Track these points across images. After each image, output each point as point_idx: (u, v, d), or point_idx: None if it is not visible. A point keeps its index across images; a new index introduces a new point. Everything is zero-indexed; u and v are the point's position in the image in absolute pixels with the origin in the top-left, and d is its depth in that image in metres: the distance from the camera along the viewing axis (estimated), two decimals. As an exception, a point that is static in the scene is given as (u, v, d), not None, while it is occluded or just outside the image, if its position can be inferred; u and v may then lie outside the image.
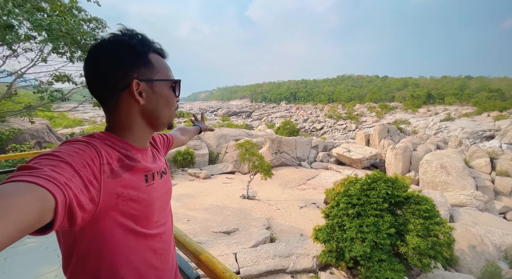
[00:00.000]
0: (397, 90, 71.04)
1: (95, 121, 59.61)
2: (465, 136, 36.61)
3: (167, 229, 0.76)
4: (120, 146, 0.65)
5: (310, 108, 76.76)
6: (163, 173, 0.77)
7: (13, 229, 0.34)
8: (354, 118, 59.21)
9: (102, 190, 0.54)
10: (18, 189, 0.38)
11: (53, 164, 0.46)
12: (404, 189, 8.53)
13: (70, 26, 4.45)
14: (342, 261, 8.33)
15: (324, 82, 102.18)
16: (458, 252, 10.43)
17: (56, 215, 0.41)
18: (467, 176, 18.43)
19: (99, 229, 0.56)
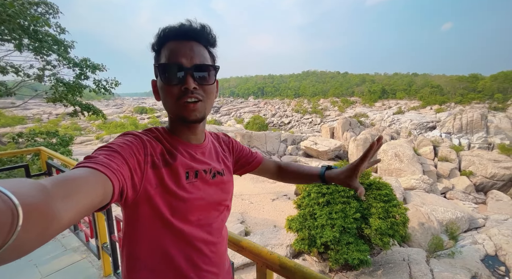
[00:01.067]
0: (356, 86, 76.47)
1: (40, 119, 52.34)
2: (413, 127, 41.27)
3: (214, 231, 0.72)
4: (167, 140, 0.67)
5: (277, 103, 78.43)
6: (218, 173, 0.73)
7: (84, 206, 0.39)
8: (319, 113, 62.32)
9: (144, 178, 0.58)
10: (85, 173, 0.43)
11: (107, 154, 0.52)
12: (367, 177, 9.35)
13: (16, 9, 3.83)
14: (313, 247, 8.86)
15: (290, 78, 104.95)
16: (410, 230, 11.84)
17: (113, 196, 0.47)
18: (416, 162, 20.89)
19: (138, 214, 0.61)
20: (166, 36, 0.63)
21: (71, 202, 0.36)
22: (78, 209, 0.37)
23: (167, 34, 0.63)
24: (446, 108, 49.29)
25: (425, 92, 59.02)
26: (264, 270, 0.94)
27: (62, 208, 0.34)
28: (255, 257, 0.95)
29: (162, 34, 0.64)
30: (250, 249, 0.96)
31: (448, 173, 21.65)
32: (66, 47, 5.39)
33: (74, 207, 0.37)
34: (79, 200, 0.38)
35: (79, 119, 26.27)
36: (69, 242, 2.40)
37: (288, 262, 0.86)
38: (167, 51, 0.63)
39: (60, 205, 0.34)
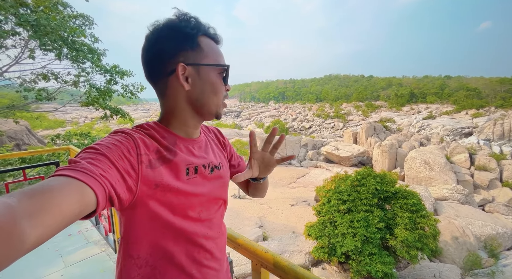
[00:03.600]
0: (382, 90, 73.20)
1: (77, 122, 57.33)
2: (446, 133, 38.35)
3: (214, 226, 0.72)
4: (163, 137, 0.64)
5: (298, 108, 77.60)
6: (216, 168, 0.73)
7: (55, 221, 0.37)
8: (342, 117, 60.48)
9: (140, 179, 0.55)
10: (59, 183, 0.40)
11: (91, 157, 0.48)
12: (392, 184, 8.84)
13: (57, 22, 4.27)
14: (334, 256, 8.51)
15: (311, 82, 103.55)
16: (442, 244, 10.91)
17: (98, 204, 0.44)
18: (448, 171, 19.32)
19: (137, 215, 0.58)
20: (204, 30, 0.65)
21: (39, 219, 0.34)
22: (47, 226, 0.35)
23: (206, 28, 0.65)
24: (485, 113, 45.16)
25: (460, 96, 54.70)
26: (258, 269, 0.92)
27: (29, 226, 0.33)
28: (250, 255, 0.94)
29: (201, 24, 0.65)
30: (246, 247, 0.95)
31: (487, 184, 19.72)
32: (99, 55, 5.87)
33: (42, 224, 0.35)
34: (48, 216, 0.35)
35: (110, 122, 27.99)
36: (91, 235, 2.55)
37: (281, 261, 0.83)
38: (214, 50, 0.66)
39: (27, 224, 0.32)
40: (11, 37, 4.73)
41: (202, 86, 0.65)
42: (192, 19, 0.63)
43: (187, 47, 0.62)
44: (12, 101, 6.76)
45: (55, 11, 4.99)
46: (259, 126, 54.07)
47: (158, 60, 0.63)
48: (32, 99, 5.40)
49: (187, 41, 0.62)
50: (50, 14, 4.72)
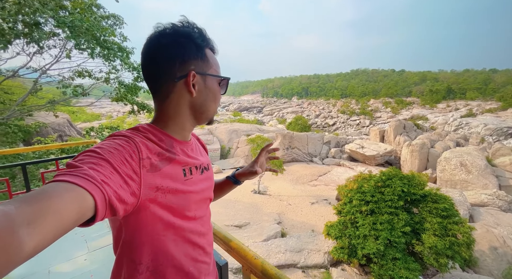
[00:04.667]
0: (415, 85, 68.29)
1: (111, 116, 61.77)
2: (488, 133, 34.78)
3: (205, 223, 0.76)
4: (161, 139, 0.65)
5: (322, 104, 75.47)
6: (205, 169, 0.77)
7: (53, 228, 0.36)
8: (368, 114, 57.68)
9: (142, 183, 0.56)
10: (58, 189, 0.40)
11: (93, 162, 0.48)
12: (421, 187, 8.27)
13: (90, 23, 4.60)
14: (354, 258, 8.25)
15: (337, 77, 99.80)
16: (478, 253, 10.04)
17: (96, 211, 0.44)
18: (489, 174, 17.56)
19: (140, 219, 0.59)
20: (208, 42, 0.70)
21: (38, 227, 0.34)
22: (45, 234, 0.35)
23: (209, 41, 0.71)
24: (537, 111, 40.18)
25: (508, 92, 49.14)
26: (248, 274, 0.93)
27: (27, 234, 0.33)
28: (241, 259, 0.94)
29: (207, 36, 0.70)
30: (238, 251, 0.95)
31: (535, 190, 17.61)
32: (127, 53, 6.23)
33: (40, 232, 0.35)
34: (46, 224, 0.35)
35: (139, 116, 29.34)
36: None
37: (269, 269, 0.83)
38: (215, 62, 0.73)
39: (25, 231, 0.33)
40: (53, 38, 5.20)
41: (206, 94, 0.70)
42: (200, 30, 0.68)
43: (197, 56, 0.67)
44: (54, 97, 7.45)
45: (90, 12, 5.36)
46: (281, 122, 53.64)
47: (170, 64, 0.65)
48: (69, 95, 5.92)
49: (198, 51, 0.67)
50: (85, 15, 5.08)
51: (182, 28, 0.65)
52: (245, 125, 29.57)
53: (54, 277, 1.93)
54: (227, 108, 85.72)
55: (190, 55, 0.65)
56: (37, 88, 5.97)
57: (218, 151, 22.96)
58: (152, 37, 0.65)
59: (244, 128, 27.51)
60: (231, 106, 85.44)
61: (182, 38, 0.64)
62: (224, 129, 26.62)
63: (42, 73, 5.90)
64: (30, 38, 4.22)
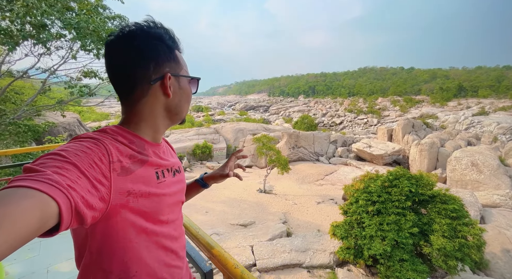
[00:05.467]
0: (424, 83, 66.83)
1: (119, 115, 62.74)
2: (501, 132, 33.68)
3: (178, 227, 0.75)
4: (132, 141, 0.63)
5: (329, 102, 74.73)
6: (176, 171, 0.75)
7: (9, 239, 0.33)
8: (376, 113, 56.74)
9: (112, 188, 0.53)
10: (15, 196, 0.36)
11: (57, 165, 0.44)
12: (430, 187, 8.09)
13: (96, 24, 4.67)
14: (360, 258, 8.15)
15: (344, 75, 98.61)
16: (489, 256, 9.76)
17: (61, 219, 0.40)
18: (502, 174, 17.02)
19: (110, 226, 0.56)
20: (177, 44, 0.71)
21: None
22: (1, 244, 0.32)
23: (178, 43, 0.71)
24: (554, 109, 38.69)
25: (522, 89, 47.53)
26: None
27: None
28: (222, 267, 0.92)
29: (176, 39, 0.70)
30: (219, 258, 0.93)
31: (551, 191, 16.98)
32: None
33: None
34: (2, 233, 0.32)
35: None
36: None
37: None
38: (185, 63, 0.72)
39: None
40: (61, 39, 5.30)
41: (181, 95, 0.70)
42: (170, 32, 0.68)
43: (170, 58, 0.67)
44: (63, 97, 7.62)
45: (96, 13, 5.44)
46: (287, 121, 53.38)
47: (144, 67, 0.62)
48: (77, 95, 6.04)
49: (170, 52, 0.67)
50: (91, 16, 5.16)
51: (153, 29, 0.64)
52: (251, 124, 29.56)
53: (53, 276, 1.95)
54: (233, 107, 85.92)
55: (164, 57, 0.65)
56: (45, 88, 6.11)
57: (224, 150, 23.05)
58: (120, 38, 0.61)
59: (250, 128, 27.51)
60: (237, 105, 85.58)
61: (154, 40, 0.63)
62: (230, 128, 26.70)
63: (50, 74, 6.03)
64: (38, 40, 4.32)
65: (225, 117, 62.32)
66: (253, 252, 9.05)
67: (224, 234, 10.05)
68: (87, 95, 5.71)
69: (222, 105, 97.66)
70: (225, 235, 9.95)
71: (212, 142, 23.08)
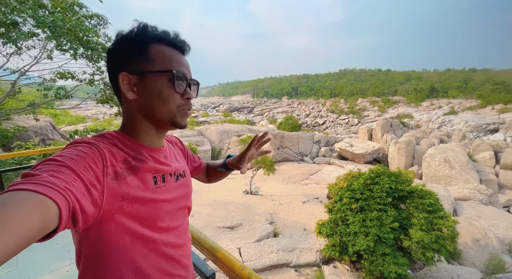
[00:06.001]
0: (400, 84, 70.40)
1: (97, 118, 59.95)
2: (469, 130, 36.28)
3: (181, 234, 0.72)
4: (128, 146, 0.62)
5: (312, 103, 76.36)
6: (180, 176, 0.73)
7: (13, 242, 0.33)
8: (357, 113, 58.85)
9: (105, 192, 0.52)
10: (16, 198, 0.36)
11: (53, 169, 0.44)
12: (408, 183, 8.53)
13: (73, 23, 4.44)
14: (345, 255, 8.39)
15: (326, 77, 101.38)
16: (462, 246, 10.46)
17: (60, 220, 0.40)
18: (470, 169, 18.34)
19: (104, 232, 0.55)
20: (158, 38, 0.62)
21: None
22: (5, 246, 0.32)
23: (159, 36, 0.62)
24: (513, 108, 42.29)
25: (486, 90, 51.59)
26: None
27: None
28: (227, 270, 0.91)
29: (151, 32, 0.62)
30: (224, 261, 0.92)
31: (513, 184, 18.56)
32: (113, 54, 6.05)
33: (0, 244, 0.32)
34: (6, 236, 0.32)
35: (126, 119, 29.21)
36: None
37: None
38: (166, 57, 0.63)
39: None
40: (33, 38, 4.97)
41: (149, 95, 0.62)
42: (144, 28, 0.61)
43: (132, 55, 0.61)
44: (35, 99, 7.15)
45: (71, 12, 5.17)
46: (271, 122, 53.81)
47: (109, 70, 0.63)
48: (51, 97, 5.69)
49: (133, 49, 0.61)
50: (66, 15, 4.90)
51: (121, 31, 0.62)
52: (235, 125, 29.46)
53: None
54: (217, 109, 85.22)
55: (122, 56, 0.61)
56: (15, 90, 5.69)
57: (209, 152, 22.76)
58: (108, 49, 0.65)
59: (235, 129, 27.41)
60: (221, 106, 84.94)
61: (115, 41, 0.62)
62: (214, 130, 26.44)
63: (20, 75, 5.63)
64: (7, 39, 4.01)
65: (209, 119, 61.57)
66: (241, 254, 9.02)
67: (211, 237, 9.89)
68: (64, 97, 5.40)
69: (206, 106, 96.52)
70: (212, 238, 9.81)
71: (197, 144, 22.70)
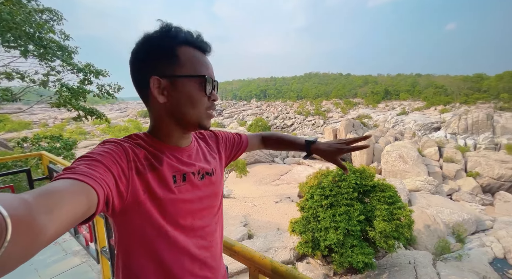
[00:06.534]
0: (359, 87, 76.17)
1: (46, 123, 53.32)
2: (418, 128, 40.84)
3: (208, 235, 0.71)
4: (151, 145, 0.65)
5: (280, 105, 78.36)
6: (207, 174, 0.72)
7: (66, 220, 0.38)
8: (322, 114, 62.08)
9: (130, 185, 0.56)
10: (66, 184, 0.41)
11: (88, 163, 0.50)
12: (371, 178, 9.27)
13: (23, 17, 3.93)
14: (317, 250, 8.78)
15: (292, 80, 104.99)
16: (416, 232, 11.68)
17: (98, 206, 0.45)
18: (420, 163, 20.64)
19: (128, 222, 0.59)
20: (185, 40, 0.63)
21: (55, 215, 0.36)
22: (61, 222, 0.37)
23: (187, 38, 0.63)
24: (451, 109, 48.68)
25: (429, 93, 58.47)
26: (256, 275, 0.93)
27: (46, 221, 0.34)
28: (247, 261, 0.95)
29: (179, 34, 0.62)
30: (243, 254, 0.95)
31: (454, 174, 21.36)
32: (70, 53, 5.49)
33: (58, 220, 0.36)
34: (62, 213, 0.37)
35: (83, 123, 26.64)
36: (69, 246, 2.41)
37: (280, 267, 0.85)
38: (195, 60, 0.64)
39: (44, 218, 0.34)
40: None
41: (179, 98, 0.63)
42: (170, 30, 0.61)
43: (162, 58, 0.62)
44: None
45: (18, 4, 4.58)
46: (241, 124, 53.91)
47: (137, 73, 0.64)
48: (-6, 100, 4.94)
49: (162, 52, 0.61)
50: (11, 7, 4.33)
51: (148, 33, 0.62)
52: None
53: None
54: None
55: (152, 59, 0.62)
56: None
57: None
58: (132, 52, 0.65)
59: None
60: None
61: (144, 44, 0.62)
62: (183, 133, 25.60)
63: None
64: None
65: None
66: (217, 259, 8.84)
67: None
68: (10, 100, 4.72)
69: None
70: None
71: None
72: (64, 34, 5.39)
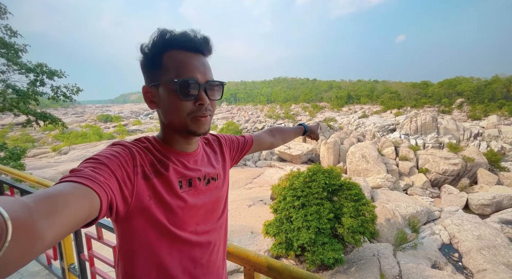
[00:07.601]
0: (325, 92, 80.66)
1: (-16, 130, 46.15)
2: (377, 130, 44.56)
3: (213, 239, 0.71)
4: (158, 150, 0.65)
5: (251, 109, 79.10)
6: (213, 179, 0.72)
7: (68, 223, 0.38)
8: (291, 118, 64.20)
9: (135, 190, 0.56)
10: (69, 187, 0.42)
11: (93, 166, 0.50)
12: (338, 178, 9.82)
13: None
14: (291, 250, 8.98)
15: (262, 84, 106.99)
16: (378, 226, 12.59)
17: (100, 210, 0.45)
18: (380, 162, 22.49)
19: (132, 228, 0.59)
20: (171, 44, 0.60)
21: (55, 220, 0.35)
22: (62, 226, 0.36)
23: (173, 41, 0.60)
24: (404, 112, 54.21)
25: (385, 98, 64.41)
26: (252, 274, 0.95)
27: (46, 225, 0.33)
28: (242, 261, 0.96)
29: (165, 39, 0.59)
30: (237, 254, 0.96)
31: (408, 171, 23.66)
32: (16, 51, 4.87)
33: (58, 224, 0.36)
34: (63, 217, 0.37)
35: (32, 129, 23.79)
36: (25, 267, 2.13)
37: (275, 263, 0.88)
38: (177, 63, 0.60)
39: (44, 223, 0.33)
40: None
41: (163, 105, 0.63)
42: (158, 36, 0.60)
43: (150, 67, 0.63)
44: None
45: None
46: (212, 128, 53.02)
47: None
48: None
49: (150, 61, 0.62)
50: None
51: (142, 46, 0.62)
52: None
53: None
54: (151, 116, 78.48)
55: (144, 70, 0.64)
56: None
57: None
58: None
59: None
60: (155, 113, 78.44)
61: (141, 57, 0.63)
62: (150, 138, 24.27)
63: None
64: None
65: (142, 127, 56.03)
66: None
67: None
68: None
69: (137, 114, 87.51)
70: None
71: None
72: (10, 30, 4.76)
